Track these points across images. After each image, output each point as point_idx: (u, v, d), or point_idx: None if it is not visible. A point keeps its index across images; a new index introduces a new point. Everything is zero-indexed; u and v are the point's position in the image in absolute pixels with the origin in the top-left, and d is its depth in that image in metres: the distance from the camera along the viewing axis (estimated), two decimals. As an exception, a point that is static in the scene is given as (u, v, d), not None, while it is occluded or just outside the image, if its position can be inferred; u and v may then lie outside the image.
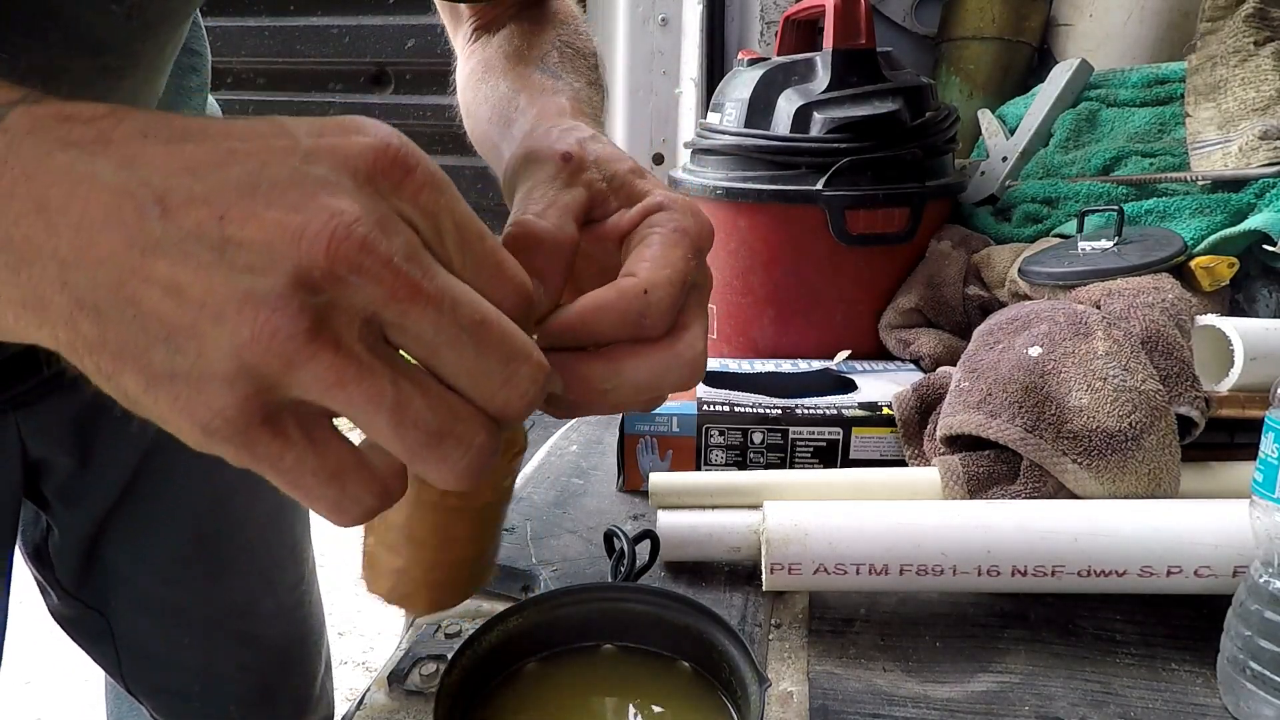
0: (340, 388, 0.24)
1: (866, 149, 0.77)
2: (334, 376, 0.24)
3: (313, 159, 0.25)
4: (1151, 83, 0.91)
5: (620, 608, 0.43)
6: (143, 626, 0.77)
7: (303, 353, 0.23)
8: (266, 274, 0.23)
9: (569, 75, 0.50)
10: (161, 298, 0.24)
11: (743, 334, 0.85)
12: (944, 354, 0.75)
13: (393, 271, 0.24)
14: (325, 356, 0.24)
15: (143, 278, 0.24)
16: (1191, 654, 0.48)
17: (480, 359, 0.26)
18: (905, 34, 1.22)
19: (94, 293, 0.24)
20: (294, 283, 0.23)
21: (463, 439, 0.26)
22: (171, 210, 0.24)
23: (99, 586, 0.75)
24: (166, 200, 0.24)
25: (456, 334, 0.25)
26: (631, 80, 1.30)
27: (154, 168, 0.24)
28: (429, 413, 0.25)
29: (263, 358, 0.23)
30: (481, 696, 0.40)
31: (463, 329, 0.25)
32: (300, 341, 0.23)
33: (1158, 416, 0.53)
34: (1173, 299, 0.62)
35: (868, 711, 0.44)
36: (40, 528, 0.74)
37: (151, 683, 0.80)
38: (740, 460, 0.66)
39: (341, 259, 0.23)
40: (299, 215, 0.23)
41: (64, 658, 1.84)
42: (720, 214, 0.83)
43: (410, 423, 0.25)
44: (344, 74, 1.48)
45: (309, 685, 0.87)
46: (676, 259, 0.34)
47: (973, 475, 0.56)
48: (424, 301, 0.25)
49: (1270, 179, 0.73)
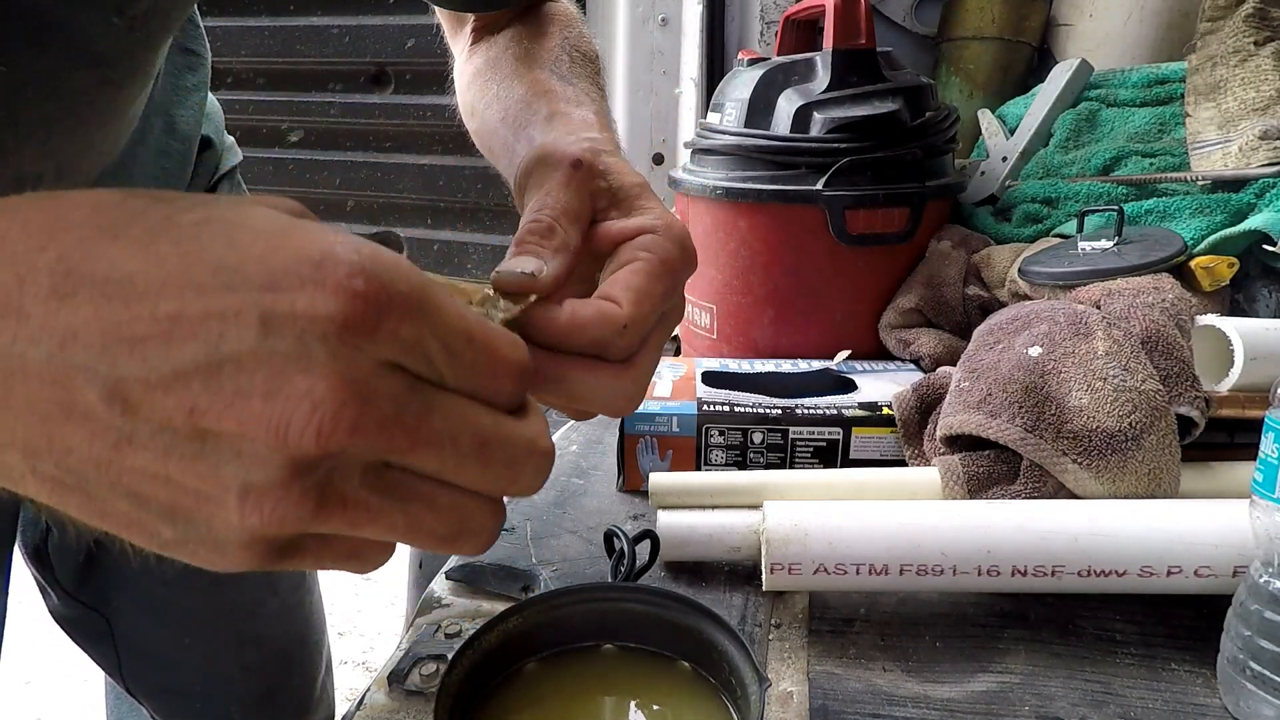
0: (355, 528, 0.25)
1: (866, 149, 0.77)
2: (346, 527, 0.25)
3: (273, 329, 0.22)
4: (1151, 83, 0.91)
5: (620, 608, 0.43)
6: (143, 627, 0.77)
7: (314, 519, 0.24)
8: (259, 466, 0.22)
9: (583, 82, 0.51)
10: (152, 485, 0.23)
11: (743, 334, 0.85)
12: (944, 354, 0.75)
13: (387, 432, 0.24)
14: (335, 517, 0.24)
15: (120, 470, 0.23)
16: (1191, 654, 0.48)
17: (486, 473, 0.26)
18: (905, 34, 1.22)
19: (71, 477, 0.23)
20: (290, 473, 0.23)
21: (476, 532, 0.27)
22: (132, 405, 0.22)
23: (99, 587, 0.75)
24: (121, 392, 0.22)
25: (459, 462, 0.26)
26: (631, 80, 1.30)
27: (92, 349, 0.22)
28: (442, 526, 0.26)
29: (278, 533, 0.24)
30: (481, 696, 0.40)
31: (465, 456, 0.26)
32: (310, 514, 0.24)
33: (1158, 416, 0.53)
34: (1173, 299, 0.62)
35: (868, 711, 0.44)
36: (40, 528, 0.74)
37: (152, 683, 0.80)
38: (740, 460, 0.66)
39: (334, 442, 0.23)
40: (277, 405, 0.22)
41: (64, 658, 1.84)
42: (720, 214, 0.83)
43: (426, 534, 0.26)
44: (344, 74, 1.48)
45: (310, 686, 0.87)
46: (656, 295, 0.35)
47: (973, 475, 0.56)
48: (423, 447, 0.25)
49: (1270, 179, 0.73)
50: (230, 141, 0.74)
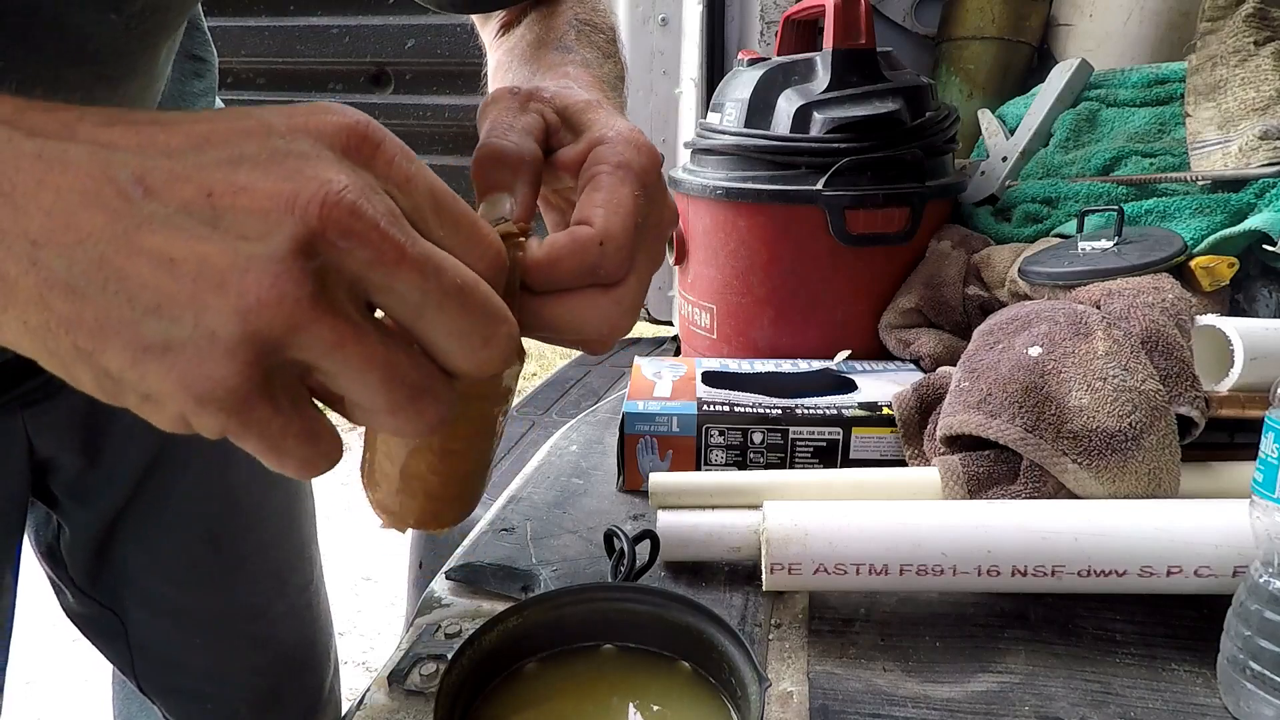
0: (340, 348, 0.25)
1: (866, 149, 0.77)
2: (335, 338, 0.25)
3: (290, 136, 0.25)
4: (1151, 83, 0.91)
5: (620, 608, 0.43)
6: (155, 627, 0.78)
7: (308, 315, 0.24)
8: (265, 240, 0.24)
9: (582, 49, 0.51)
10: (152, 271, 0.24)
11: (743, 334, 0.85)
12: (944, 354, 0.75)
13: (381, 235, 0.25)
14: (327, 320, 0.24)
15: (129, 253, 0.24)
16: (1191, 654, 0.48)
17: (463, 320, 0.27)
18: (905, 34, 1.22)
19: (69, 271, 0.24)
20: (294, 247, 0.24)
21: (438, 395, 0.27)
22: (155, 189, 0.24)
23: (111, 585, 0.76)
24: (147, 180, 0.24)
25: (441, 298, 0.26)
26: (631, 80, 1.30)
27: (129, 150, 0.25)
28: (414, 371, 0.27)
29: (270, 321, 0.24)
30: (481, 696, 0.40)
31: (446, 293, 0.26)
32: (306, 305, 0.24)
33: (1158, 416, 0.53)
34: (1173, 299, 0.62)
35: (868, 711, 0.44)
36: (52, 528, 0.74)
37: (163, 683, 0.81)
38: (740, 460, 0.66)
39: (334, 223, 0.24)
40: (289, 184, 0.24)
41: (65, 658, 1.84)
42: (720, 214, 0.83)
43: (398, 380, 0.26)
44: (344, 74, 1.48)
45: (318, 688, 0.87)
46: (625, 200, 0.35)
47: (973, 475, 0.56)
48: (410, 265, 0.25)
49: (1270, 179, 0.73)
50: None
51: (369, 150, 0.26)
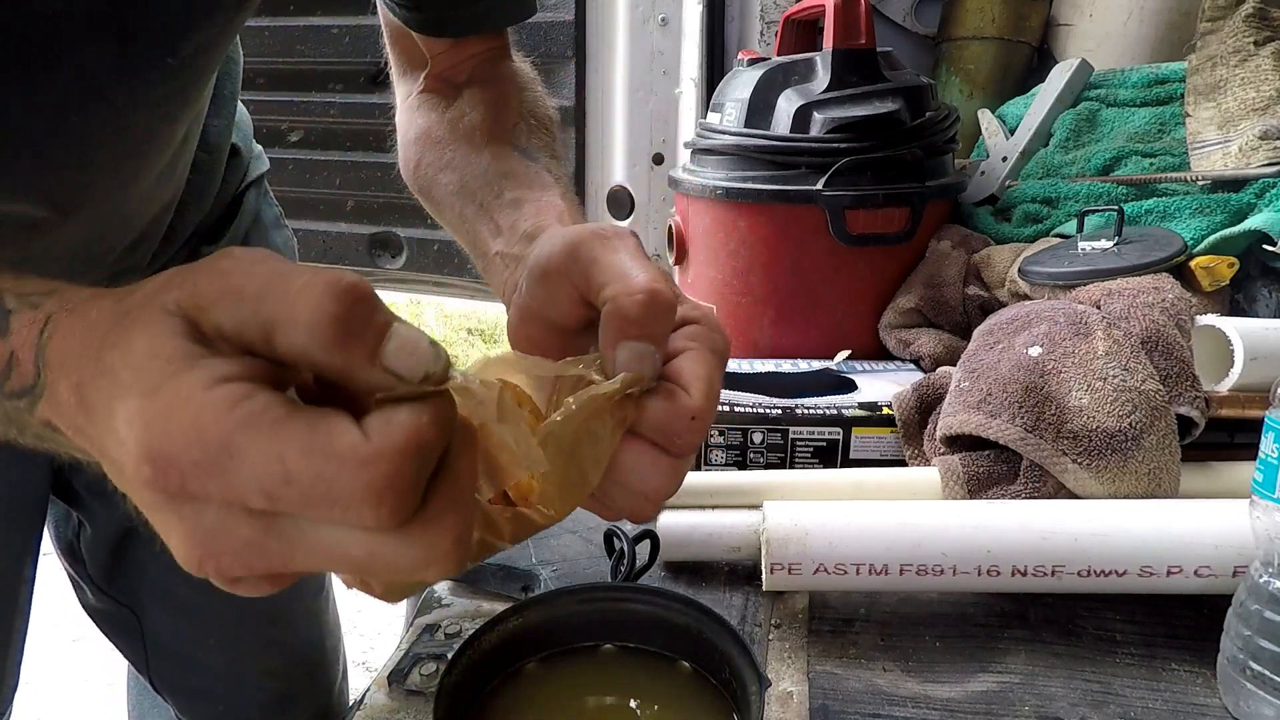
0: (275, 583, 0.28)
1: (866, 149, 0.77)
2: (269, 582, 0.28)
3: (137, 489, 0.25)
4: (1151, 83, 0.91)
5: (620, 608, 0.43)
6: (170, 626, 0.79)
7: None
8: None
9: (544, 157, 0.52)
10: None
11: (743, 334, 0.85)
12: (944, 354, 0.75)
13: (256, 562, 0.25)
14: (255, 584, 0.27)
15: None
16: (1191, 654, 0.48)
17: (385, 582, 0.28)
18: (905, 34, 1.22)
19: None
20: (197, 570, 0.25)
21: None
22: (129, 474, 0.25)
23: (129, 583, 0.77)
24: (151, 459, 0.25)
25: (353, 578, 0.28)
26: (631, 80, 1.30)
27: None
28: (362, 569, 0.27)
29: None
30: (481, 696, 0.40)
31: (356, 571, 0.27)
32: (228, 584, 0.26)
33: (1158, 416, 0.53)
34: (1173, 299, 0.62)
35: (868, 711, 0.44)
36: (72, 525, 0.76)
37: (177, 681, 0.82)
38: (740, 460, 0.66)
39: (209, 574, 0.25)
40: (175, 545, 0.25)
41: (65, 658, 1.84)
42: (720, 214, 0.83)
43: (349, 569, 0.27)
44: (344, 74, 1.48)
45: (328, 691, 0.88)
46: (718, 386, 0.35)
47: (973, 475, 0.56)
48: (302, 565, 0.26)
49: (1270, 179, 0.73)
50: (258, 150, 0.74)
51: (175, 487, 0.24)
